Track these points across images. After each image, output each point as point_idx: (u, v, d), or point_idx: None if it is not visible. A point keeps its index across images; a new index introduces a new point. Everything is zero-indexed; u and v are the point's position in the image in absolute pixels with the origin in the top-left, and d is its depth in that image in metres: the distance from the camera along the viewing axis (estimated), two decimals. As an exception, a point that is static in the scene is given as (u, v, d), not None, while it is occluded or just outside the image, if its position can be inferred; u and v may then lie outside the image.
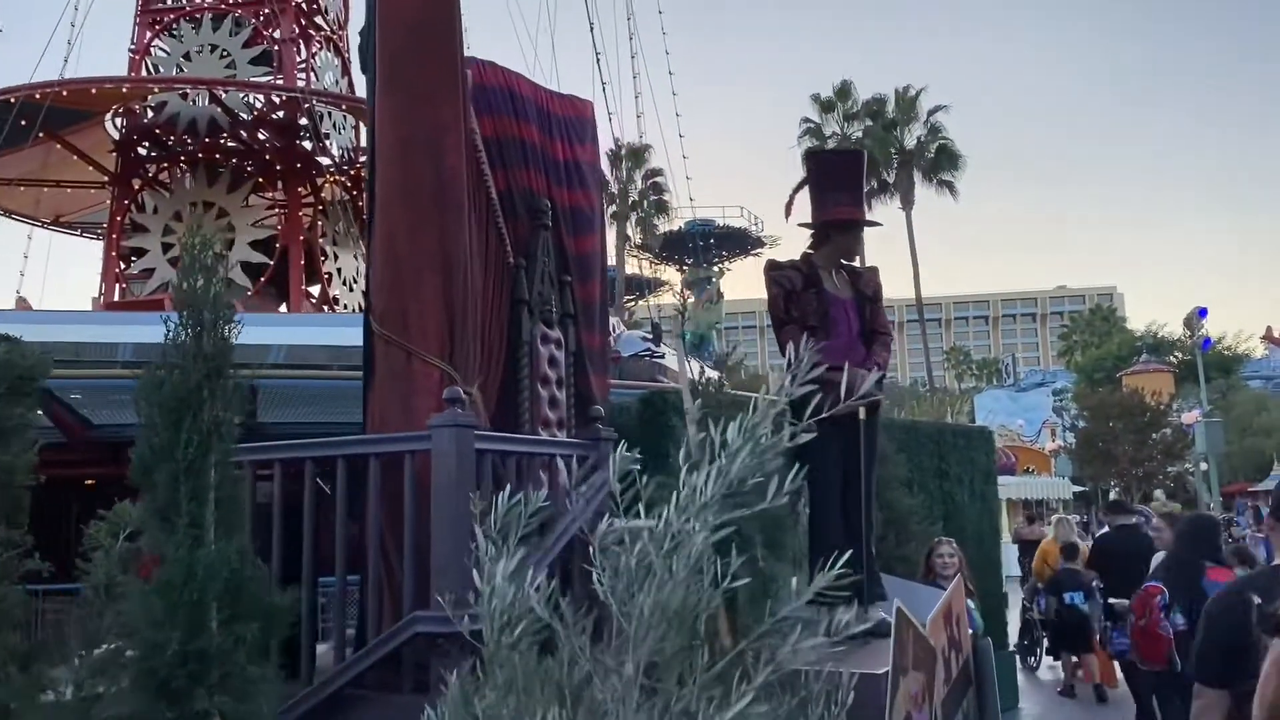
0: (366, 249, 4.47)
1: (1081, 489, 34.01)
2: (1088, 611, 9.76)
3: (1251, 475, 33.79)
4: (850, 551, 2.74)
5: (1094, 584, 9.39)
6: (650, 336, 18.43)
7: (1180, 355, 48.65)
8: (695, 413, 3.02)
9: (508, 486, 3.71)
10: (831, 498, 4.93)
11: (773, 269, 5.10)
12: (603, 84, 21.93)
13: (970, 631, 5.18)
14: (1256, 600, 2.34)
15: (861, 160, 5.24)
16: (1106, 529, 10.27)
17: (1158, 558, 6.95)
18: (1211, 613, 2.83)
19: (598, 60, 21.31)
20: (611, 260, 45.95)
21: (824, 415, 4.58)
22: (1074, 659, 10.43)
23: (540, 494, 2.14)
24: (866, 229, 5.25)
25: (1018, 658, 11.12)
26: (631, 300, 54.07)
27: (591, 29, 22.34)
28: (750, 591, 2.28)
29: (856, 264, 5.32)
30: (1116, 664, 8.77)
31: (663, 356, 17.25)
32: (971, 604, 6.50)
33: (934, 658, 4.39)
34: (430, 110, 4.21)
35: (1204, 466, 26.73)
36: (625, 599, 1.85)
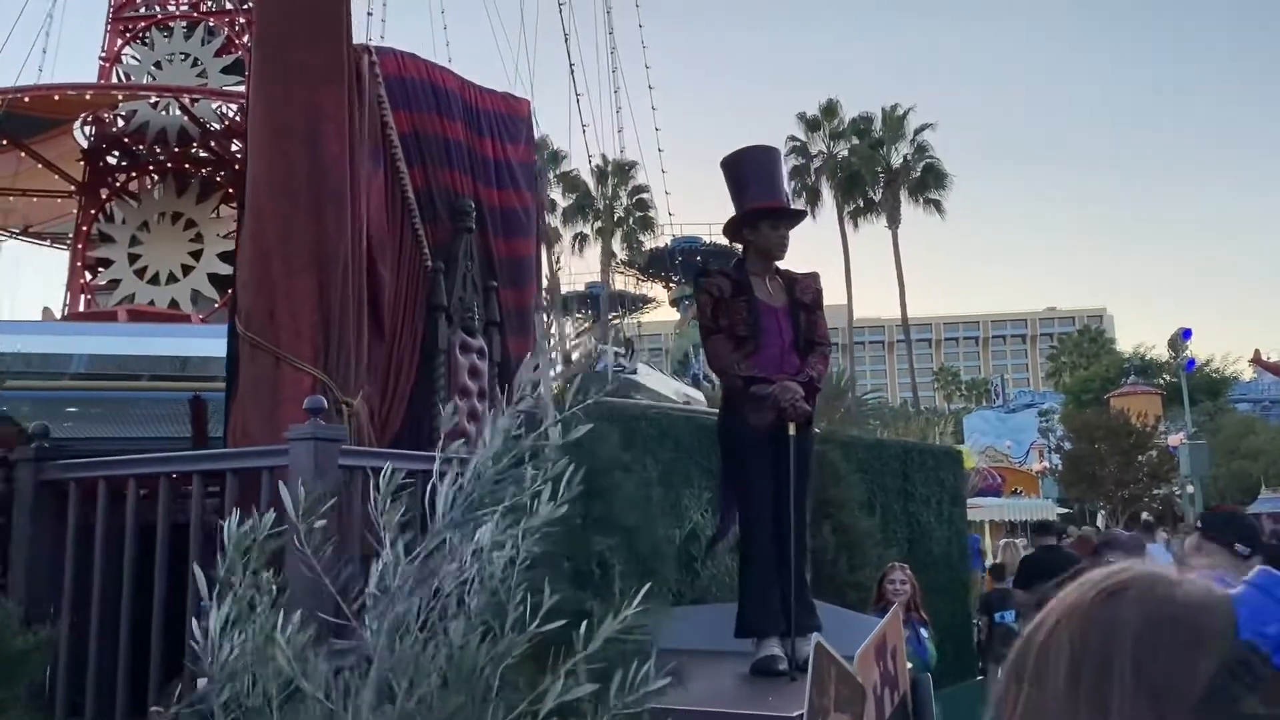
0: (235, 245, 4.14)
1: (1067, 511, 33.63)
2: (1018, 630, 9.50)
3: (1238, 498, 33.47)
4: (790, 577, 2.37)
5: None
6: (622, 352, 18.07)
7: (1168, 377, 48.41)
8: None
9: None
10: (762, 519, 4.58)
11: (701, 275, 4.78)
12: (576, 95, 21.54)
13: (909, 666, 4.83)
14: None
15: (775, 154, 4.92)
16: (1032, 549, 10.24)
17: None
18: None
19: (571, 72, 21.04)
20: (597, 278, 45.78)
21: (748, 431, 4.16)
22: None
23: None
24: (800, 233, 4.91)
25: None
26: (617, 317, 53.82)
27: (566, 40, 22.05)
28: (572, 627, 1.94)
29: (795, 270, 4.99)
30: None
31: (634, 373, 16.89)
32: (925, 632, 6.14)
33: (863, 697, 4.03)
34: (307, 94, 3.88)
35: (1190, 489, 26.40)
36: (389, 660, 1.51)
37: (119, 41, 21.13)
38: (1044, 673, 0.72)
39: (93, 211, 20.38)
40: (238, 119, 20.63)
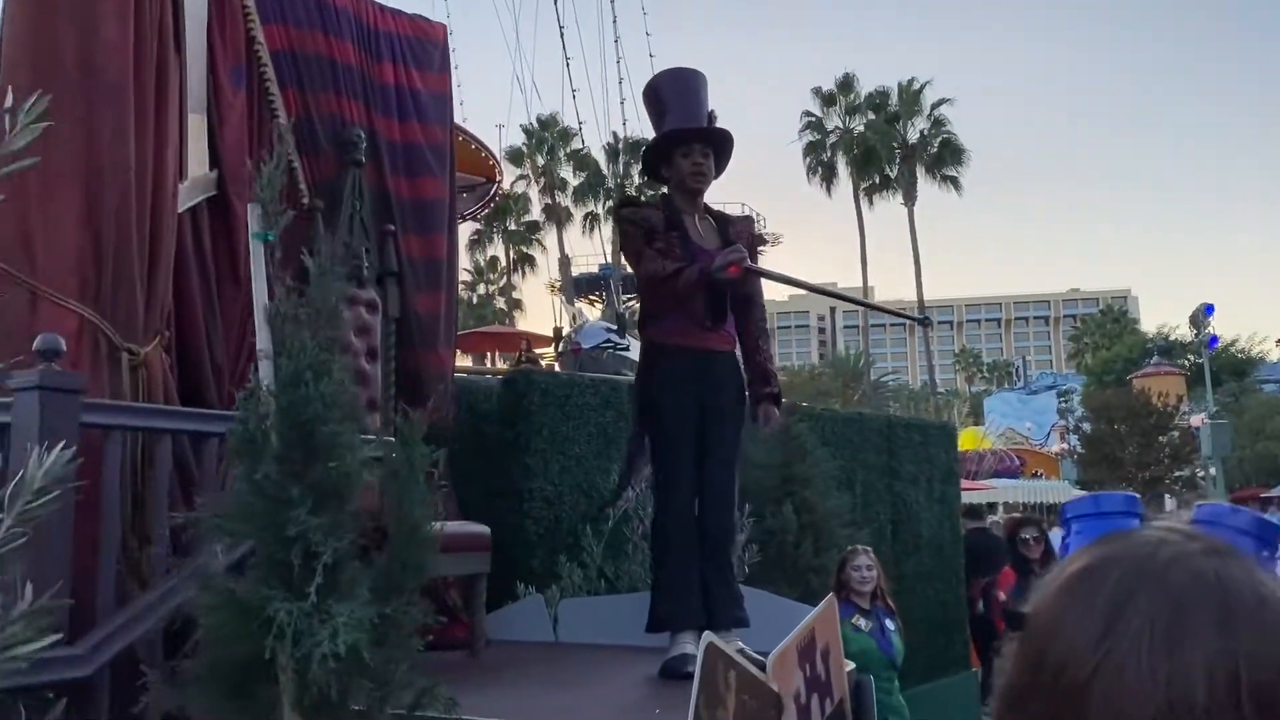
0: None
1: (1088, 492, 32.80)
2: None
3: (1264, 479, 32.53)
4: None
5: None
6: (614, 328, 17.35)
7: (1193, 358, 47.28)
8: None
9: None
10: (679, 488, 3.89)
11: (626, 206, 4.08)
12: (567, 59, 20.64)
13: (854, 666, 4.14)
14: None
15: (696, 76, 4.18)
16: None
17: None
18: None
19: (562, 33, 20.29)
20: (609, 258, 45.07)
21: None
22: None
23: None
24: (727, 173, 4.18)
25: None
26: (632, 297, 53.10)
27: (562, 33, 21.12)
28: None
29: (729, 213, 4.30)
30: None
31: (627, 349, 16.17)
32: (890, 624, 5.45)
33: (778, 707, 3.34)
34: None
35: (1212, 470, 25.51)
36: None
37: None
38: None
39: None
40: None
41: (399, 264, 4.84)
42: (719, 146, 4.12)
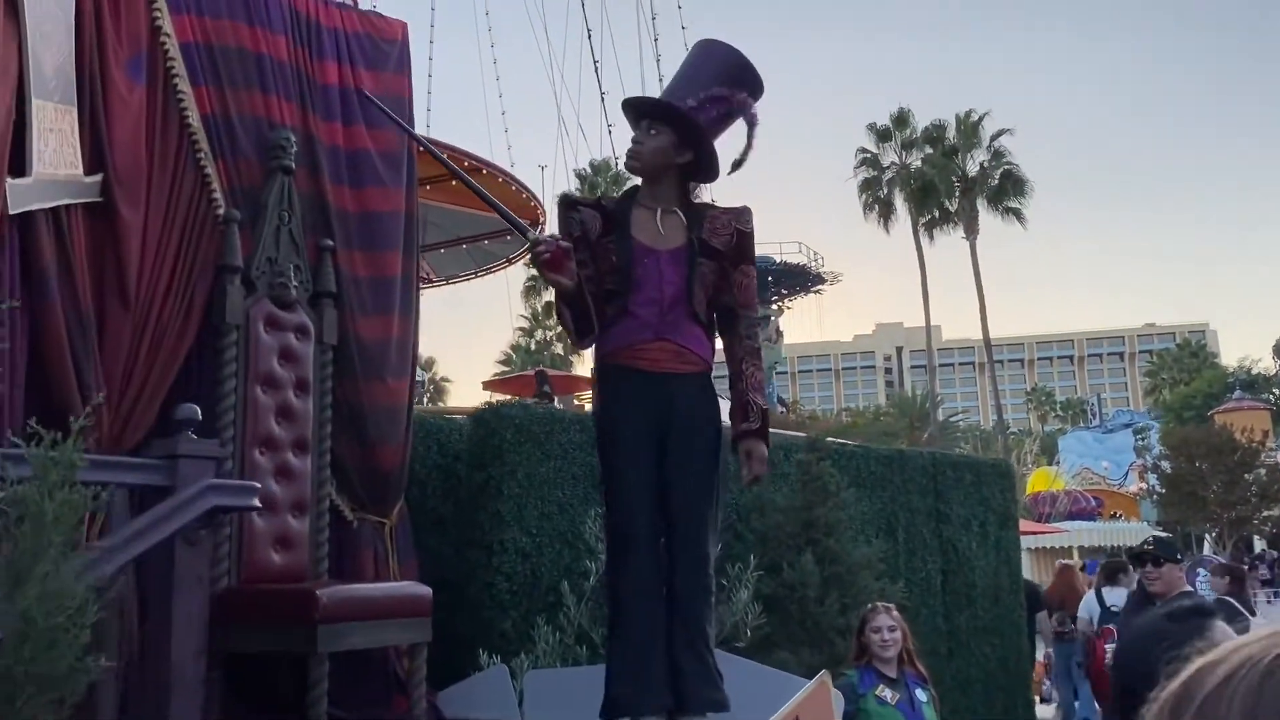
0: None
1: (1166, 535, 31.15)
2: None
3: (1361, 520, 30.58)
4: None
5: None
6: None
7: (1278, 392, 45.21)
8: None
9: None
10: (636, 541, 3.19)
11: (565, 206, 3.41)
12: (602, 93, 20.00)
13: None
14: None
15: (710, 49, 3.46)
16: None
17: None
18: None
19: (597, 70, 19.86)
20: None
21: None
22: None
23: None
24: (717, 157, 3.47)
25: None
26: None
27: (596, 68, 20.70)
28: None
29: (718, 205, 3.59)
30: None
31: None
32: (922, 694, 4.64)
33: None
34: None
35: (1304, 510, 23.92)
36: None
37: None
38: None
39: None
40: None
41: (338, 283, 4.23)
42: (683, 128, 3.41)
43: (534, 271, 43.02)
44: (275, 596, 3.52)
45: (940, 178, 38.80)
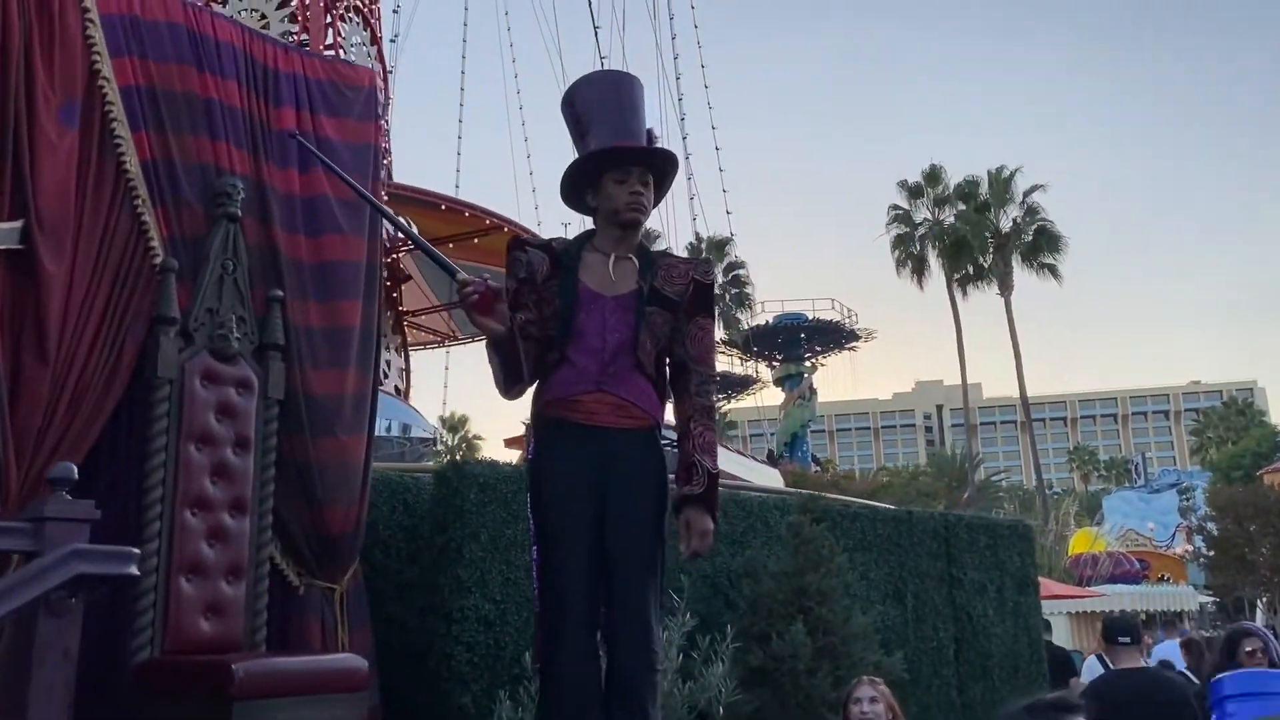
0: None
1: (1214, 599, 30.04)
2: None
3: None
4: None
5: None
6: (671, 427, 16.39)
7: (1330, 451, 43.90)
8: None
9: None
10: (565, 613, 2.92)
11: (511, 248, 3.19)
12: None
13: None
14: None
15: (630, 82, 3.28)
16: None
17: None
18: None
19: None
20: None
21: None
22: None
23: None
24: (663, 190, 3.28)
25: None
26: (723, 399, 52.01)
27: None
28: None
29: (677, 255, 3.39)
30: None
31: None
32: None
33: None
34: None
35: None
36: None
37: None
38: None
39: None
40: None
41: (287, 335, 4.04)
42: (659, 173, 3.24)
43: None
44: (190, 669, 3.28)
45: (973, 234, 38.49)
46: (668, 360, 3.14)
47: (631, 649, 2.94)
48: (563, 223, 49.12)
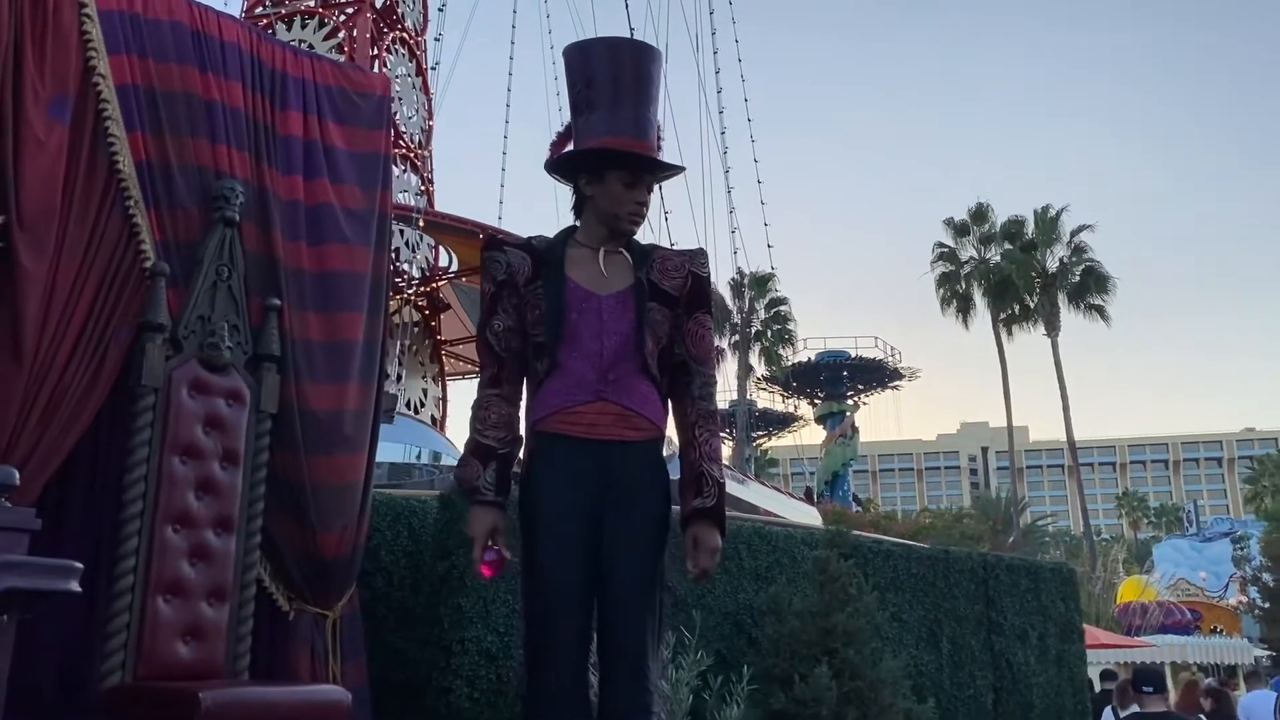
0: None
1: (1270, 653, 28.95)
2: None
3: None
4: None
5: None
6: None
7: (1391, 501, 42.43)
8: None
9: None
10: (552, 644, 2.67)
11: (487, 248, 2.98)
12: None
13: None
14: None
15: (651, 58, 3.04)
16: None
17: None
18: None
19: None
20: (735, 393, 43.93)
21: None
22: None
23: None
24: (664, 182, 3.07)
25: None
26: (763, 436, 51.40)
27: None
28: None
29: (666, 248, 3.14)
30: None
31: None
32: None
33: None
34: None
35: None
36: None
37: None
38: None
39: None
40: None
41: (283, 346, 3.85)
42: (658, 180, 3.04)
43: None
44: (157, 696, 3.06)
45: (1019, 273, 37.99)
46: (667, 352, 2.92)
47: (626, 689, 2.69)
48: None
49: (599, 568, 2.71)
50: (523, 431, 2.85)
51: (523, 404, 2.89)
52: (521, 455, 2.87)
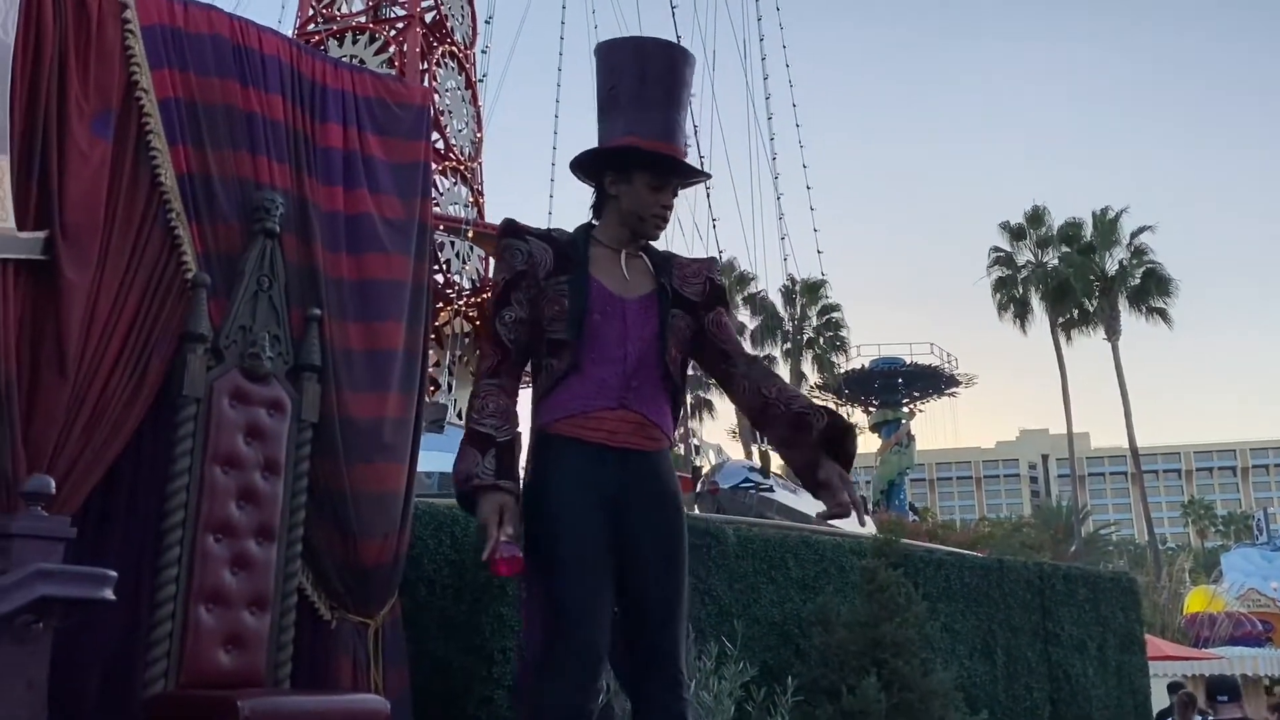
0: None
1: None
2: None
3: None
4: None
5: None
6: (757, 467, 16.03)
7: None
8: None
9: None
10: (561, 657, 2.59)
11: (507, 234, 2.91)
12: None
13: None
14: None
15: (684, 61, 2.99)
16: None
17: None
18: None
19: (693, 144, 19.68)
20: (789, 402, 43.45)
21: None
22: None
23: None
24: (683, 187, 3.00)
25: None
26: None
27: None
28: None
29: (678, 255, 3.08)
30: None
31: (770, 490, 14.79)
32: None
33: None
34: None
35: None
36: None
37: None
38: None
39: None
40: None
41: (324, 356, 3.87)
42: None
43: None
44: (197, 704, 3.08)
45: (1077, 276, 37.27)
46: (698, 358, 2.89)
47: (663, 699, 2.64)
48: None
49: (623, 578, 2.66)
50: (523, 429, 2.79)
51: (521, 401, 2.84)
52: (524, 459, 2.81)
